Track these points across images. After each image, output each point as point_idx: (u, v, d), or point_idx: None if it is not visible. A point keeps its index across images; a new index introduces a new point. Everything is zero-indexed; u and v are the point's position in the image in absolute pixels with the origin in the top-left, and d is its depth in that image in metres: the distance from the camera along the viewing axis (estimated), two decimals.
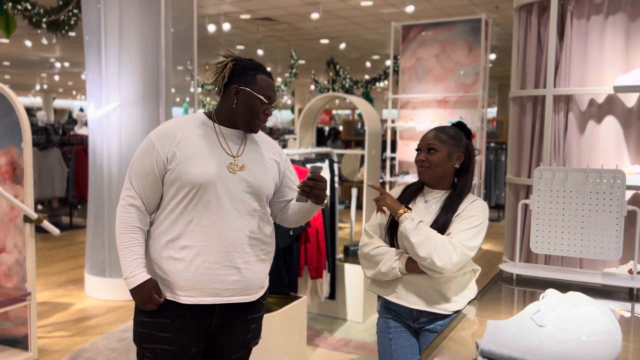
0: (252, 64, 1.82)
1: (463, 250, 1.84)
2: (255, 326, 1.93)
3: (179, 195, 1.76)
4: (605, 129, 2.93)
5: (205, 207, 1.75)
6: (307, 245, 3.64)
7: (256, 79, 1.79)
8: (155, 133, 1.81)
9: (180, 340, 1.78)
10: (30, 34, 9.66)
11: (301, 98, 19.47)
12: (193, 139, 1.78)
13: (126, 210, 1.78)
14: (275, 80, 1.91)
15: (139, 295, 1.75)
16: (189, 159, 1.75)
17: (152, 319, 1.78)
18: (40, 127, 8.71)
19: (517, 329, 1.40)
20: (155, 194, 1.80)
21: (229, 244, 1.76)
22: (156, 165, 1.76)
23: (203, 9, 8.69)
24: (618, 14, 2.88)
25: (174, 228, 1.76)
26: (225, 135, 1.83)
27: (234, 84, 1.79)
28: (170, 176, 1.76)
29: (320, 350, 3.72)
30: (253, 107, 1.78)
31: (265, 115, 1.82)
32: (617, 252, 2.15)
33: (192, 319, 1.78)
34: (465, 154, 1.99)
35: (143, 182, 1.78)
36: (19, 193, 3.29)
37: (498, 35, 10.33)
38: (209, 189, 1.74)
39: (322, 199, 1.82)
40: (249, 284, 1.81)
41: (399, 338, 2.01)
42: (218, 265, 1.75)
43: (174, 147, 1.76)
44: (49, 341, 3.74)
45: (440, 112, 5.45)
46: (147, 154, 1.78)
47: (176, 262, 1.75)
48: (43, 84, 22.06)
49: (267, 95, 1.79)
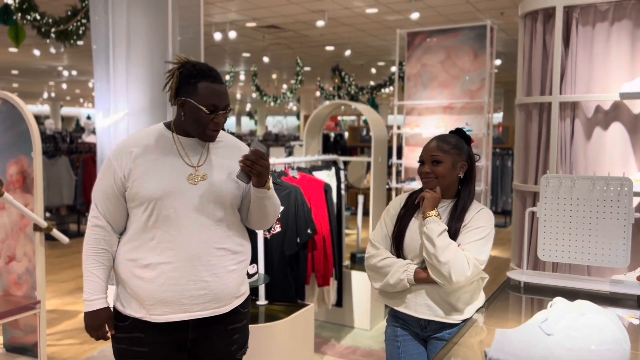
0: (195, 71, 1.71)
1: (475, 264, 1.85)
2: (239, 336, 1.86)
3: (139, 213, 1.71)
4: (611, 136, 2.93)
5: (165, 223, 1.69)
6: (314, 252, 3.64)
7: (197, 88, 1.68)
8: (113, 151, 1.78)
9: (157, 353, 1.74)
10: (39, 43, 9.75)
11: (307, 104, 19.52)
12: (150, 153, 1.73)
13: (92, 231, 1.75)
14: (280, 87, 1.84)
15: (91, 319, 1.74)
16: (146, 174, 1.70)
17: (126, 334, 1.75)
18: (49, 136, 8.78)
19: (525, 337, 1.41)
20: (119, 213, 1.75)
21: (192, 258, 1.70)
22: (115, 184, 1.73)
23: (209, 17, 8.75)
24: (623, 21, 2.88)
25: (137, 246, 1.72)
26: (184, 145, 1.76)
27: (179, 95, 1.72)
28: (129, 194, 1.71)
29: (327, 357, 3.72)
30: (199, 119, 1.70)
31: (215, 124, 1.71)
32: (625, 259, 2.15)
33: (166, 333, 1.74)
34: (467, 162, 1.99)
35: (106, 202, 1.74)
36: (29, 202, 3.32)
37: (503, 41, 10.34)
38: (166, 203, 1.68)
39: (264, 179, 1.72)
40: (219, 296, 1.75)
41: (407, 346, 2.01)
42: (183, 281, 1.69)
43: (130, 164, 1.71)
44: (58, 349, 3.76)
45: (446, 118, 5.46)
46: (106, 173, 1.75)
47: (141, 280, 1.70)
48: (51, 92, 22.23)
49: (211, 104, 1.68)
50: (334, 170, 4.20)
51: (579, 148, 3.00)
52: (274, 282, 3.35)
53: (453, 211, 1.96)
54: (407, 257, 1.97)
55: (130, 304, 1.74)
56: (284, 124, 28.69)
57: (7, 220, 3.41)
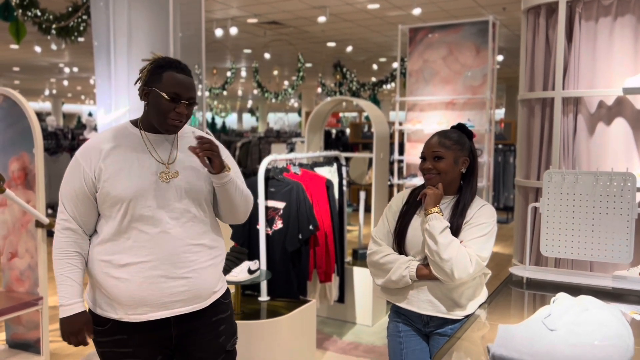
0: (163, 62, 1.71)
1: (478, 261, 1.84)
2: (226, 327, 1.84)
3: (112, 213, 1.68)
4: (614, 131, 2.91)
5: (140, 222, 1.67)
6: (316, 248, 3.64)
7: (162, 77, 1.68)
8: (80, 151, 1.73)
9: (142, 352, 1.73)
10: (40, 40, 9.74)
11: (308, 101, 19.50)
12: (120, 152, 1.70)
13: (61, 234, 1.71)
14: (281, 84, 1.82)
15: (68, 325, 1.69)
16: (117, 174, 1.67)
17: (109, 337, 1.73)
18: (50, 132, 8.79)
19: (528, 333, 1.40)
20: (90, 214, 1.72)
21: (170, 255, 1.68)
22: (85, 185, 1.69)
23: (211, 13, 8.73)
24: (627, 16, 2.87)
25: (111, 247, 1.69)
26: (153, 142, 1.74)
27: (145, 86, 1.71)
28: (101, 195, 1.68)
29: (329, 353, 3.73)
30: (160, 107, 1.67)
31: (177, 114, 1.68)
32: (629, 255, 2.14)
33: (148, 332, 1.72)
34: (469, 157, 1.98)
35: (76, 204, 1.70)
36: (31, 198, 3.32)
37: (505, 36, 10.30)
38: (140, 202, 1.66)
39: (217, 163, 1.68)
40: (199, 292, 1.74)
41: (409, 342, 2.01)
42: (163, 279, 1.68)
43: (100, 163, 1.68)
44: (61, 345, 3.77)
45: (448, 114, 5.44)
46: (75, 174, 1.71)
47: (118, 281, 1.67)
48: (52, 89, 22.24)
49: (174, 92, 1.66)
50: (335, 167, 4.19)
51: (581, 143, 2.99)
52: (276, 278, 3.35)
53: (455, 207, 1.95)
54: (409, 253, 1.97)
55: (108, 305, 1.71)
56: (285, 120, 28.67)
57: (8, 217, 3.41)
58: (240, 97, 24.90)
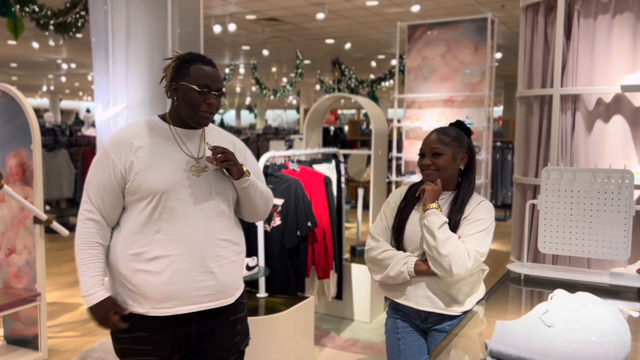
0: (189, 57, 1.74)
1: (476, 256, 1.85)
2: (241, 327, 1.88)
3: (142, 206, 1.69)
4: (612, 129, 2.92)
5: (171, 215, 1.68)
6: (314, 245, 3.65)
7: (189, 70, 1.71)
8: (110, 143, 1.74)
9: (161, 350, 1.74)
10: (38, 36, 9.71)
11: (306, 98, 19.48)
12: (151, 145, 1.71)
13: (84, 225, 1.72)
14: (280, 80, 1.85)
15: (96, 313, 1.70)
16: (149, 167, 1.68)
17: (129, 334, 1.73)
18: (48, 129, 8.77)
19: (525, 329, 1.41)
20: (115, 207, 1.73)
21: (200, 249, 1.70)
22: (114, 177, 1.69)
23: (209, 9, 8.71)
24: (625, 13, 2.87)
25: (141, 240, 1.69)
26: (182, 136, 1.76)
27: (173, 82, 1.74)
28: (131, 187, 1.68)
29: (327, 350, 3.73)
30: (190, 100, 1.70)
31: (208, 105, 1.72)
32: (626, 252, 2.15)
33: (170, 329, 1.73)
34: (468, 154, 1.99)
35: (102, 195, 1.70)
36: (29, 194, 3.32)
37: (504, 34, 10.30)
38: (172, 195, 1.68)
39: (235, 170, 1.73)
40: (225, 287, 1.77)
41: (407, 338, 2.02)
42: (192, 272, 1.69)
43: (132, 156, 1.69)
44: (59, 341, 3.77)
45: (447, 111, 5.44)
46: (103, 166, 1.71)
47: (147, 274, 1.68)
48: (50, 85, 22.18)
49: (203, 84, 1.69)
50: (334, 164, 4.19)
51: (580, 141, 2.99)
52: (274, 275, 3.36)
53: (453, 203, 1.95)
54: (407, 249, 1.98)
55: (133, 300, 1.71)
56: (283, 117, 28.63)
57: (6, 213, 3.41)
58: (239, 93, 24.86)
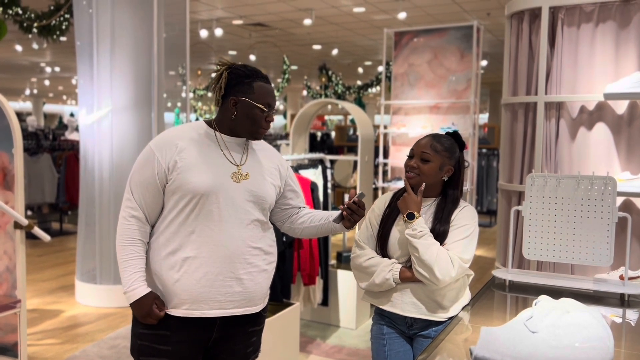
0: (248, 71, 1.78)
1: (460, 264, 1.85)
2: (256, 339, 1.91)
3: (180, 205, 1.72)
4: (596, 136, 2.95)
5: (207, 217, 1.71)
6: (300, 251, 3.63)
7: (253, 88, 1.75)
8: (155, 142, 1.78)
9: (179, 352, 1.75)
10: (21, 39, 9.59)
11: (293, 104, 19.49)
12: (195, 148, 1.75)
13: (127, 222, 1.74)
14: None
15: (138, 309, 1.72)
16: (191, 168, 1.72)
17: (152, 331, 1.74)
18: (31, 132, 8.66)
19: (510, 335, 1.41)
20: (156, 205, 1.76)
21: (231, 255, 1.72)
22: (157, 175, 1.73)
23: (195, 14, 8.68)
24: (608, 22, 2.91)
25: (175, 239, 1.72)
26: (227, 143, 1.80)
27: (231, 94, 1.76)
28: (172, 186, 1.72)
29: (313, 357, 3.71)
30: (254, 117, 1.76)
31: (267, 122, 1.78)
32: (609, 258, 2.17)
33: (193, 331, 1.75)
34: (455, 167, 1.98)
35: (144, 193, 1.74)
36: (10, 199, 3.26)
37: (489, 41, 10.41)
38: (211, 198, 1.71)
39: (354, 225, 1.84)
40: (252, 295, 1.78)
41: (392, 344, 2.01)
42: (220, 277, 1.72)
43: (175, 156, 1.72)
44: (39, 349, 3.70)
45: (432, 118, 5.48)
46: (147, 164, 1.74)
47: (177, 274, 1.71)
48: (33, 89, 21.92)
49: (267, 102, 1.76)
50: (320, 169, 4.19)
51: (564, 148, 3.02)
52: None
53: (438, 212, 1.95)
54: (392, 256, 1.97)
55: (162, 298, 1.74)
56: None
57: None
58: None
